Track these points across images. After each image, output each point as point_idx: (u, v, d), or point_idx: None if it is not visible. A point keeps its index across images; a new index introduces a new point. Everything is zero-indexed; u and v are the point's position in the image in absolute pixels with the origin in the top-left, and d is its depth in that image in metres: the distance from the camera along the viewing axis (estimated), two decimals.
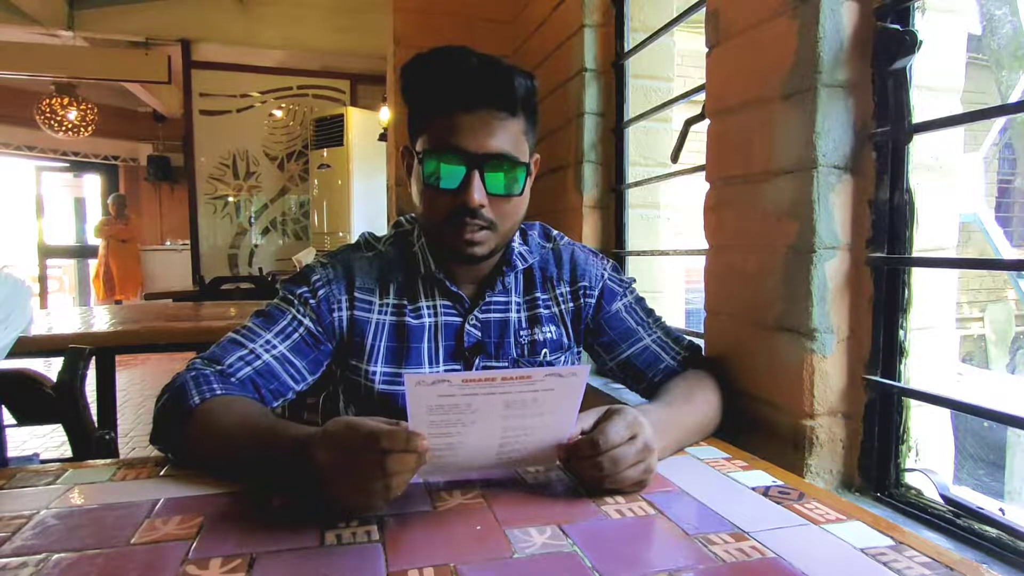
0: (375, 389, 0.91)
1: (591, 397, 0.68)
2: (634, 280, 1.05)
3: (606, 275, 1.01)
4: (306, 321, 0.88)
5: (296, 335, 0.87)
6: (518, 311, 0.97)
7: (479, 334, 0.94)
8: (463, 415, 0.61)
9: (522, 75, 0.85)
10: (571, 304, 0.99)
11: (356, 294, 0.91)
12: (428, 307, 0.93)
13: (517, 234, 0.99)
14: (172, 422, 0.76)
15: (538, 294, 0.98)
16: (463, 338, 0.93)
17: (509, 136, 0.84)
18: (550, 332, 0.97)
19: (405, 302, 0.93)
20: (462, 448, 0.65)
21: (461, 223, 0.84)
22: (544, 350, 0.97)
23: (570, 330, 0.99)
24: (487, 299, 0.94)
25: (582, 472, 0.68)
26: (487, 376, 0.60)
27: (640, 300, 1.03)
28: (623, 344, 0.99)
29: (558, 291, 0.99)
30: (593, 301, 1.00)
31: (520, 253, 0.97)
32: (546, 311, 0.98)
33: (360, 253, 0.95)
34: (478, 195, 0.82)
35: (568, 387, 0.63)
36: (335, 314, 0.90)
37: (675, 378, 0.93)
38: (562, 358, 0.99)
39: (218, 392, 0.77)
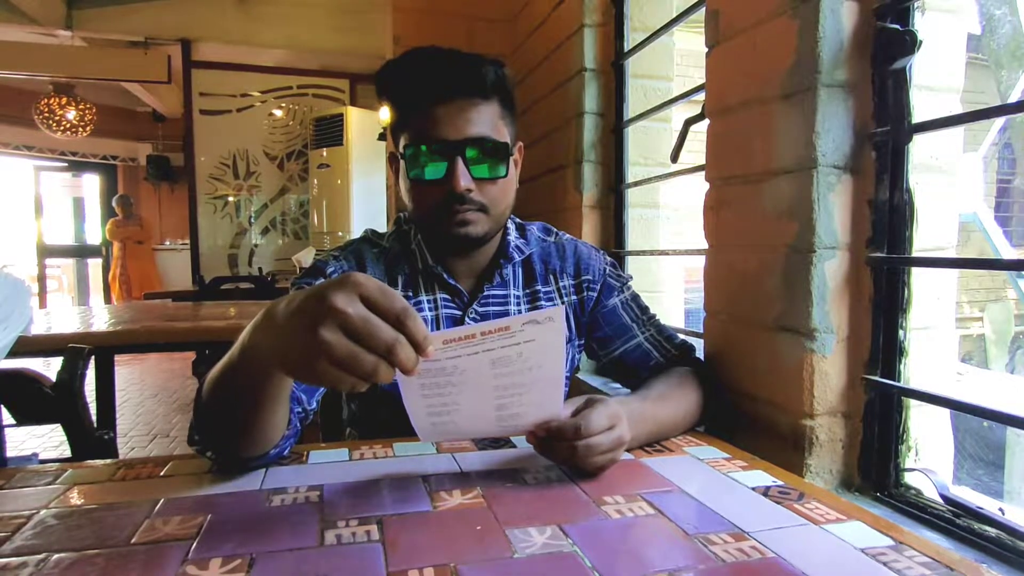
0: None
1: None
2: (631, 277, 1.06)
3: (607, 270, 1.03)
4: None
5: None
6: (518, 304, 0.98)
7: None
8: (452, 377, 0.63)
9: (490, 61, 0.87)
10: (574, 296, 1.01)
11: None
12: (428, 300, 0.94)
13: (514, 229, 1.00)
14: (195, 417, 0.70)
15: (539, 287, 0.99)
16: None
17: (486, 120, 0.86)
18: None
19: (409, 294, 0.94)
20: (459, 411, 0.67)
21: (452, 211, 0.85)
22: None
23: (572, 321, 1.00)
24: (485, 292, 0.96)
25: (555, 452, 0.70)
26: (467, 332, 0.61)
27: (636, 297, 1.04)
28: (617, 340, 1.00)
29: (561, 284, 1.00)
30: (594, 295, 1.01)
31: (516, 246, 0.98)
32: (548, 303, 0.99)
33: (367, 247, 0.97)
34: (464, 180, 0.84)
35: (548, 333, 0.64)
36: None
37: (660, 375, 0.94)
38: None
39: None
